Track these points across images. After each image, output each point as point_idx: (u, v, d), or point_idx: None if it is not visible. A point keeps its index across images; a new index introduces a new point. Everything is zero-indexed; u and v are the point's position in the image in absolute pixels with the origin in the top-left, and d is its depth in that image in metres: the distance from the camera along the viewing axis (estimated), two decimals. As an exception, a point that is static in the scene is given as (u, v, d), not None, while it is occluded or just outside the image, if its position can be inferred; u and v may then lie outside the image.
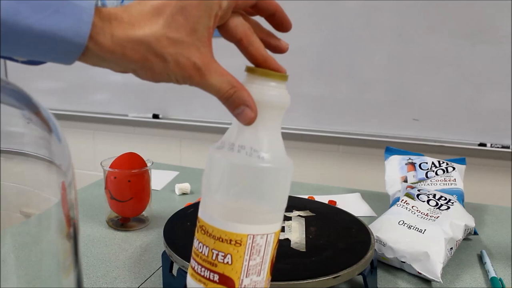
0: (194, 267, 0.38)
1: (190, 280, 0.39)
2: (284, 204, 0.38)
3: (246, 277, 0.38)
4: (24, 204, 0.29)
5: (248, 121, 0.34)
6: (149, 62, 0.31)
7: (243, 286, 0.37)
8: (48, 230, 0.31)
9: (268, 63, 0.36)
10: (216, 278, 0.37)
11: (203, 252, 0.38)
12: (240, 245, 0.37)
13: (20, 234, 0.30)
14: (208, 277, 0.37)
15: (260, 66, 0.37)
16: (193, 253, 0.39)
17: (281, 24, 0.38)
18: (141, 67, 0.32)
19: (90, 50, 0.29)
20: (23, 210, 0.29)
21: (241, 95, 0.34)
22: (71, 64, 0.30)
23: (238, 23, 0.35)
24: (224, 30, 0.35)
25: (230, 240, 0.36)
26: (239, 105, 0.34)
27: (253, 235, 0.37)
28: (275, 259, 0.40)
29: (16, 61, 0.34)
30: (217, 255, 0.37)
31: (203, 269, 0.38)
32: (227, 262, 0.37)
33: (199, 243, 0.38)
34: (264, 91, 0.36)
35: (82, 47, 0.29)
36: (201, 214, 0.38)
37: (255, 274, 0.38)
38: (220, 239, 0.36)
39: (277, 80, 0.36)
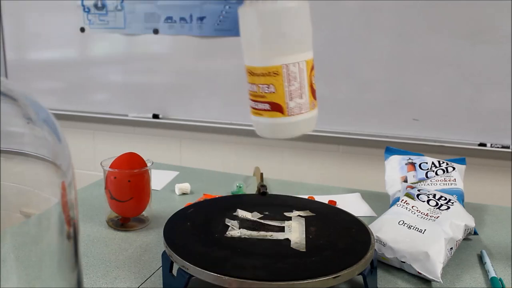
0: (251, 105, 0.49)
1: (253, 118, 0.50)
2: (306, 37, 0.47)
3: (290, 100, 0.47)
4: (24, 204, 0.29)
5: None
6: None
7: (289, 107, 0.47)
8: (48, 230, 0.31)
9: None
10: (268, 106, 0.48)
11: (254, 90, 0.48)
12: (278, 74, 0.46)
13: (20, 234, 0.30)
14: (262, 108, 0.48)
15: None
16: (249, 96, 0.50)
17: None
18: None
19: None
20: (23, 210, 0.29)
21: None
22: None
23: None
24: None
25: (269, 73, 0.46)
26: None
27: (286, 65, 0.46)
28: (315, 86, 0.51)
29: None
30: (263, 88, 0.47)
31: (257, 103, 0.48)
32: (272, 91, 0.47)
33: (250, 85, 0.48)
34: None
35: None
36: (247, 62, 0.48)
37: (298, 97, 0.48)
38: (262, 74, 0.46)
39: None
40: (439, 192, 0.75)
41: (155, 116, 1.76)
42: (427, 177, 0.83)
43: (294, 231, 0.62)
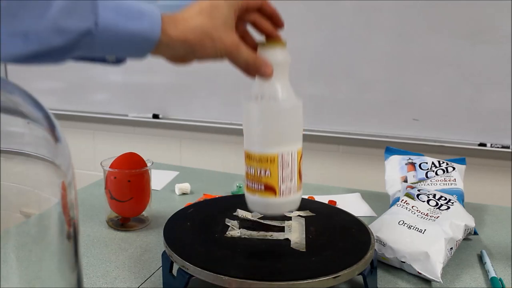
0: (248, 184, 0.56)
1: (247, 194, 0.57)
2: (299, 131, 0.56)
3: (282, 183, 0.54)
4: (24, 204, 0.29)
5: (269, 74, 0.51)
6: (203, 42, 0.46)
7: (281, 190, 0.54)
8: (48, 230, 0.31)
9: (274, 34, 0.53)
10: (262, 187, 0.54)
11: (251, 173, 0.55)
12: (274, 162, 0.54)
13: (20, 234, 0.30)
14: (257, 188, 0.55)
15: (270, 36, 0.53)
16: (245, 176, 0.56)
17: (276, 23, 0.54)
18: (198, 46, 0.46)
19: (161, 41, 0.43)
20: (23, 210, 0.29)
21: (262, 60, 0.50)
22: (144, 57, 0.45)
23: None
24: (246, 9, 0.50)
25: (267, 159, 0.54)
26: (261, 66, 0.50)
27: (282, 153, 0.54)
28: (301, 173, 0.58)
29: (106, 62, 0.47)
30: (260, 171, 0.54)
31: (252, 183, 0.55)
32: (268, 175, 0.54)
33: (248, 167, 0.56)
34: (272, 56, 0.53)
35: (157, 38, 0.43)
36: (246, 147, 0.56)
37: (289, 181, 0.55)
38: (261, 160, 0.54)
39: (280, 47, 0.53)
40: (439, 192, 0.75)
41: (155, 116, 1.76)
42: (427, 177, 0.83)
43: (294, 231, 0.62)
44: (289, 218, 0.66)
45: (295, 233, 0.61)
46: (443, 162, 0.84)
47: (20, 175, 0.29)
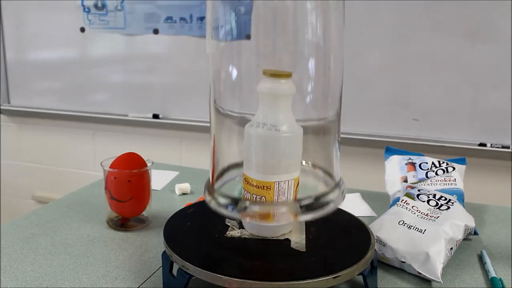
0: None
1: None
2: (297, 160, 0.56)
3: (277, 210, 0.54)
4: None
5: None
6: None
7: (276, 216, 0.54)
8: None
9: None
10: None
11: (247, 197, 0.56)
12: (270, 189, 0.54)
13: None
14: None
15: None
16: (242, 198, 0.57)
17: None
18: None
19: None
20: None
21: None
22: None
23: None
24: None
25: (263, 186, 0.54)
26: None
27: (278, 182, 0.54)
28: (297, 198, 0.57)
29: None
30: (255, 197, 0.55)
31: None
32: (263, 201, 0.55)
33: (244, 191, 0.57)
34: (275, 86, 0.54)
35: None
36: (245, 171, 0.57)
37: (283, 208, 0.54)
38: (257, 186, 0.55)
39: (285, 78, 0.54)
40: (439, 192, 0.75)
41: (155, 116, 1.76)
42: (427, 177, 0.83)
43: (294, 231, 0.62)
44: (289, 218, 0.66)
45: (295, 233, 0.61)
46: (443, 162, 0.84)
47: None
